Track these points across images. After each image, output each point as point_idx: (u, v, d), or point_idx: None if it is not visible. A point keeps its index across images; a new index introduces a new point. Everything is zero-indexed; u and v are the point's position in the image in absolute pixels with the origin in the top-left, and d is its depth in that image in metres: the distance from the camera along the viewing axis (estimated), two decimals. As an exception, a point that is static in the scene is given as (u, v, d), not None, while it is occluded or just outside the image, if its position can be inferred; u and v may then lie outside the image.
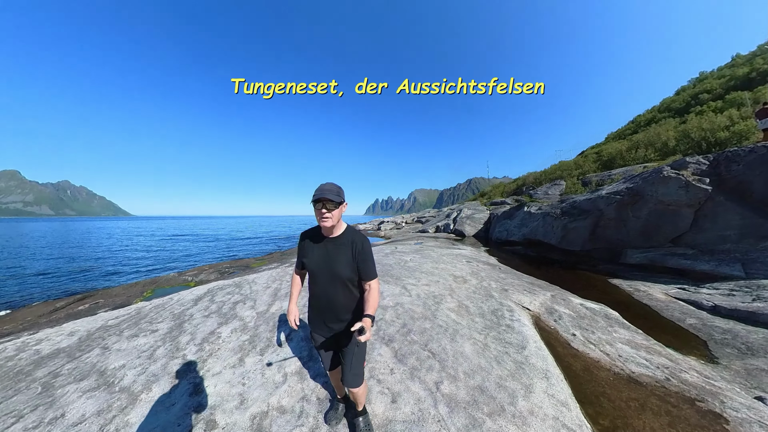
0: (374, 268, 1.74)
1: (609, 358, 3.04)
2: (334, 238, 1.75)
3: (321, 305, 1.83)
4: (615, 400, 2.40)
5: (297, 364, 2.73)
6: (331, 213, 1.63)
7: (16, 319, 7.33)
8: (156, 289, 9.47)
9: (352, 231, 1.79)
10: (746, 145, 8.52)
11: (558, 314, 4.13)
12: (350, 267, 1.70)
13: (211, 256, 19.89)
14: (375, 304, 1.62)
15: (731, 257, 7.02)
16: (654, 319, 5.20)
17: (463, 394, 2.26)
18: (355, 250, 1.70)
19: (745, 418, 2.27)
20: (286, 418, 2.07)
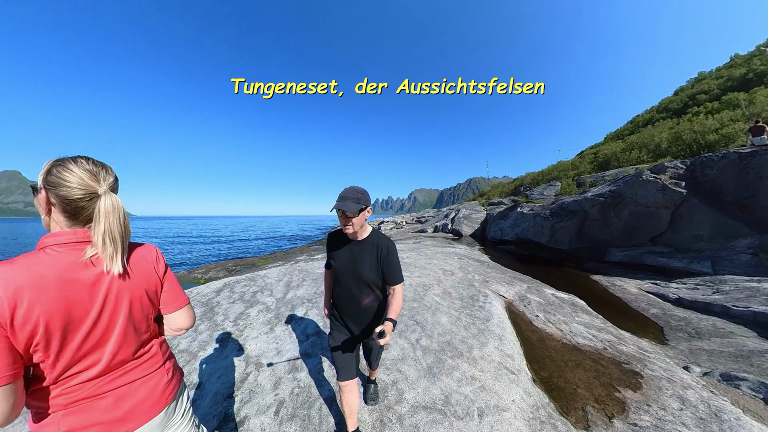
0: (400, 273, 1.77)
1: (561, 333, 3.76)
2: (360, 241, 1.81)
3: (343, 306, 1.91)
4: (557, 360, 3.10)
5: (317, 329, 3.49)
6: (351, 221, 1.69)
7: None
8: None
9: (378, 235, 1.83)
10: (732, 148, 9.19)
11: (528, 301, 4.85)
12: (374, 270, 1.76)
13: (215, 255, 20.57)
14: (398, 309, 1.65)
15: (703, 255, 7.74)
16: (621, 309, 5.92)
17: (435, 345, 3.08)
18: (380, 254, 1.75)
19: (658, 376, 2.96)
20: (313, 360, 2.84)
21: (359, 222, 1.69)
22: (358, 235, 1.78)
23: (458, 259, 8.00)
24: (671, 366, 3.27)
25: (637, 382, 2.84)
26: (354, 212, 1.62)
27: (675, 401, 2.55)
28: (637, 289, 6.90)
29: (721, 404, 2.54)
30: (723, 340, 4.48)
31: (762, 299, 5.22)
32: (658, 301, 6.15)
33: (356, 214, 1.63)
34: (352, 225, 1.67)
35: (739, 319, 4.96)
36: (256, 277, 6.49)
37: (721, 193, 8.03)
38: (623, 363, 3.17)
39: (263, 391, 2.44)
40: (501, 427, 2.00)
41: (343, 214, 1.65)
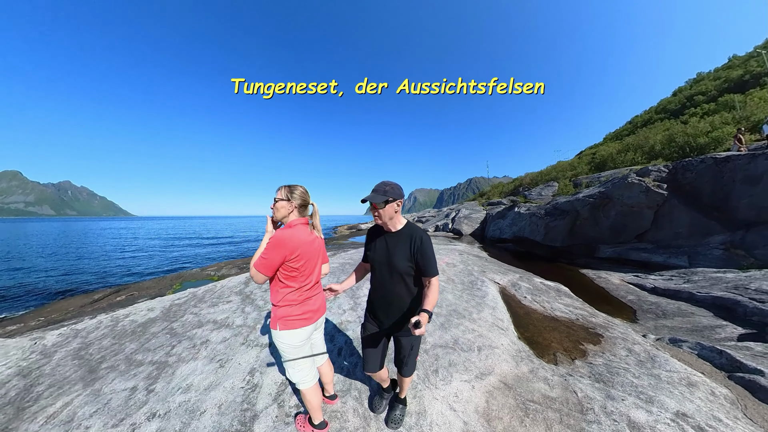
0: (435, 266, 1.81)
1: (544, 309, 4.74)
2: (394, 232, 1.91)
3: (378, 296, 2.01)
4: (538, 326, 4.07)
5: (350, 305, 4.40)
6: (378, 212, 1.82)
7: (59, 309, 8.25)
8: (183, 282, 10.47)
9: (411, 227, 1.91)
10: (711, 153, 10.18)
11: (519, 286, 5.84)
12: (407, 261, 1.82)
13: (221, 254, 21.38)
14: (433, 301, 1.68)
15: (681, 250, 8.76)
16: (603, 296, 6.92)
17: (444, 312, 4.06)
18: (414, 246, 1.81)
19: (615, 337, 3.93)
20: (352, 326, 3.72)
21: (386, 213, 1.82)
22: (391, 227, 1.90)
23: (459, 255, 8.97)
24: (629, 332, 4.24)
25: (598, 340, 3.82)
26: (379, 203, 1.77)
27: (624, 351, 3.53)
28: (620, 281, 7.90)
29: (658, 353, 3.51)
30: (684, 318, 5.47)
31: (722, 286, 6.21)
32: (635, 290, 7.14)
33: (382, 205, 1.78)
34: (380, 215, 1.83)
35: (701, 303, 5.94)
36: None
37: (699, 194, 9.03)
38: (590, 328, 4.16)
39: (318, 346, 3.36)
40: (493, 357, 2.96)
41: (372, 204, 1.82)
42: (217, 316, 4.27)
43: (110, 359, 3.23)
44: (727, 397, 2.69)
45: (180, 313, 4.55)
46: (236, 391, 2.55)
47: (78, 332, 4.07)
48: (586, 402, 2.37)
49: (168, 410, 2.34)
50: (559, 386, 2.58)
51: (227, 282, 6.34)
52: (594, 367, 3.05)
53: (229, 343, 3.44)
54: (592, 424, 2.13)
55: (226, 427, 2.16)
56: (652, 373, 2.95)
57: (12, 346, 3.79)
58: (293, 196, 1.83)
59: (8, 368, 3.21)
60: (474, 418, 2.16)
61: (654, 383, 2.74)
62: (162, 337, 3.70)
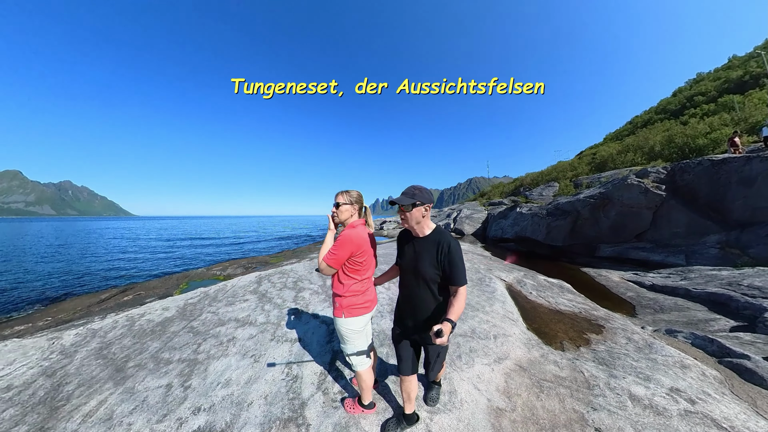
0: (463, 274, 1.76)
1: (549, 303, 5.12)
2: (422, 237, 1.90)
3: (404, 301, 2.04)
4: (544, 318, 4.44)
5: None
6: (405, 215, 1.84)
7: (66, 309, 8.38)
8: (190, 282, 10.68)
9: (440, 232, 1.89)
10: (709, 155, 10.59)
11: (524, 283, 6.22)
12: (433, 267, 1.81)
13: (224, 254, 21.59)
14: (459, 311, 1.65)
15: (678, 249, 9.16)
16: (603, 293, 7.30)
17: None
18: (441, 252, 1.79)
19: (616, 327, 4.29)
20: (375, 319, 4.00)
21: (413, 217, 1.83)
22: (419, 231, 1.90)
23: (464, 254, 9.35)
24: (629, 324, 4.61)
25: (600, 330, 4.18)
26: (406, 206, 1.80)
27: (623, 340, 3.89)
28: (620, 278, 8.29)
29: (655, 341, 3.87)
30: (680, 313, 5.85)
31: (717, 283, 6.59)
32: (635, 287, 7.53)
33: (409, 207, 1.80)
34: (406, 218, 1.86)
35: (697, 299, 6.32)
36: (287, 271, 7.33)
37: (696, 195, 9.43)
38: (592, 320, 4.52)
39: None
40: (507, 344, 3.32)
41: (399, 207, 1.84)
42: (238, 315, 4.42)
43: (135, 358, 3.31)
44: (716, 377, 3.05)
45: (196, 312, 4.65)
46: (278, 383, 2.72)
47: (95, 332, 4.14)
48: (592, 380, 2.73)
49: (212, 404, 2.47)
50: (567, 368, 2.94)
51: (237, 282, 6.44)
52: (597, 353, 3.42)
53: (258, 339, 3.59)
54: (598, 397, 2.48)
55: (277, 414, 2.33)
56: (650, 358, 3.31)
57: (30, 346, 3.85)
58: (354, 199, 2.11)
59: (30, 368, 3.27)
60: (496, 395, 2.49)
61: (651, 365, 3.10)
62: (185, 336, 3.80)
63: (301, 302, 4.87)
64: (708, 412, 2.35)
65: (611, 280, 8.17)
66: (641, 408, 2.35)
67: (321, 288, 5.65)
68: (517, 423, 2.17)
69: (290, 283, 6.12)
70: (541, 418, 2.21)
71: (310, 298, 5.05)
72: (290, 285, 5.94)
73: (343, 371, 2.89)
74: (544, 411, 2.30)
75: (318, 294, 5.28)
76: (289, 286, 5.88)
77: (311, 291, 5.47)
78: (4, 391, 2.86)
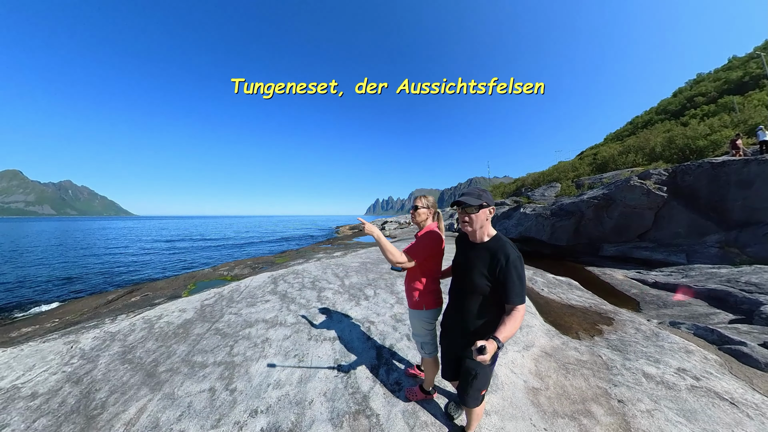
0: (520, 292, 1.58)
1: (560, 298, 5.55)
2: (478, 244, 1.77)
3: (452, 307, 1.99)
4: (558, 312, 4.86)
5: (396, 299, 4.93)
6: (469, 217, 1.70)
7: (73, 311, 8.36)
8: (197, 282, 10.65)
9: (500, 241, 1.72)
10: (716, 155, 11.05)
11: (535, 281, 6.66)
12: (485, 279, 1.68)
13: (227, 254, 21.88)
14: (510, 332, 1.47)
15: (679, 249, 9.62)
16: (608, 289, 7.74)
17: None
18: (497, 264, 1.63)
19: (624, 319, 4.71)
20: (405, 317, 4.29)
21: (478, 221, 1.70)
22: (479, 237, 1.76)
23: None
24: (635, 317, 5.04)
25: (610, 322, 4.61)
26: (472, 207, 1.67)
27: (632, 330, 4.31)
28: (623, 276, 8.73)
29: (661, 331, 4.28)
30: (682, 308, 6.29)
31: (717, 280, 7.03)
32: (638, 285, 7.97)
33: (475, 209, 1.67)
34: (470, 222, 1.71)
35: (697, 295, 6.76)
36: (300, 271, 7.44)
37: (697, 196, 9.88)
38: (602, 314, 4.95)
39: (387, 334, 3.79)
40: (532, 333, 3.72)
41: (463, 209, 1.71)
42: (265, 316, 4.47)
43: (165, 362, 3.28)
44: (716, 360, 3.46)
45: (216, 314, 4.67)
46: (333, 380, 2.80)
47: (113, 335, 4.11)
48: (610, 362, 3.14)
49: (268, 406, 2.50)
50: (587, 353, 3.35)
51: (250, 282, 6.54)
52: (610, 341, 3.84)
53: (294, 339, 3.64)
54: (617, 375, 2.88)
55: (344, 408, 2.42)
56: (657, 344, 3.72)
57: (48, 350, 3.80)
58: (430, 204, 2.30)
59: (52, 374, 3.19)
60: (530, 377, 2.85)
61: (659, 350, 3.52)
62: (213, 338, 3.80)
63: (326, 302, 5.01)
64: (711, 387, 2.76)
65: (615, 278, 8.61)
66: (654, 384, 2.75)
67: (341, 287, 5.84)
68: (552, 399, 2.54)
69: (308, 283, 6.27)
70: (572, 394, 2.59)
71: (334, 298, 5.20)
72: (308, 285, 6.09)
73: (393, 364, 3.09)
74: (572, 388, 2.68)
75: (340, 293, 5.44)
76: (308, 286, 6.03)
77: (333, 291, 5.63)
78: (30, 399, 2.79)
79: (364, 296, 5.26)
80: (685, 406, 2.47)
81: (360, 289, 5.67)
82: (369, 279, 6.43)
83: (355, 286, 5.96)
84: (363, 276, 6.72)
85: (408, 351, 3.34)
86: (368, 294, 5.37)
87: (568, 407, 2.41)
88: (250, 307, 4.90)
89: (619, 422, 2.25)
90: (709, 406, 2.49)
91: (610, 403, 2.47)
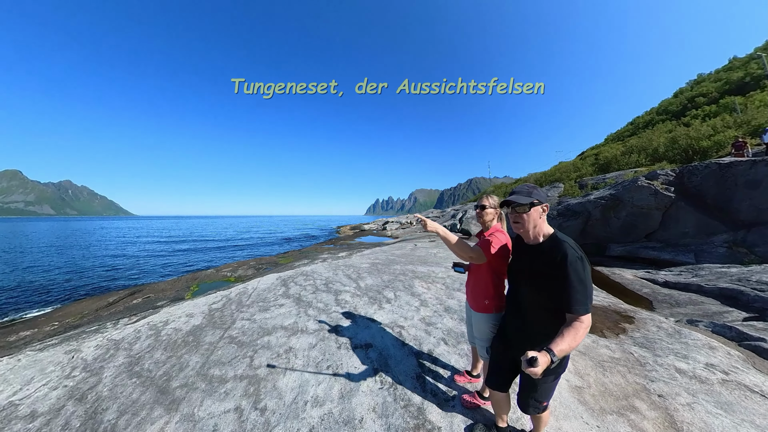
0: (582, 298, 1.40)
1: (580, 297, 5.72)
2: (534, 246, 1.66)
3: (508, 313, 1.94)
4: (579, 311, 5.03)
5: (422, 301, 5.08)
6: (521, 217, 1.60)
7: (73, 313, 8.21)
8: (200, 283, 10.57)
9: (559, 241, 1.56)
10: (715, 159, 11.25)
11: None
12: (538, 284, 1.59)
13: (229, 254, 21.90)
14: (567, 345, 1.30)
15: (687, 249, 9.78)
16: (620, 289, 7.88)
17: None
18: (555, 266, 1.47)
19: (644, 318, 4.86)
20: (434, 319, 4.46)
21: (530, 220, 1.59)
22: (533, 237, 1.65)
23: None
24: (654, 315, 5.19)
25: (631, 320, 4.75)
26: (523, 206, 1.56)
27: (654, 328, 4.45)
28: (633, 276, 8.89)
29: (682, 329, 4.44)
30: (695, 306, 6.44)
31: (727, 279, 7.20)
32: (649, 284, 8.12)
33: (526, 208, 1.56)
34: (522, 222, 1.61)
35: (709, 294, 6.92)
36: (309, 272, 7.48)
37: (704, 197, 10.07)
38: (622, 312, 5.10)
39: (421, 339, 3.69)
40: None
41: (513, 209, 1.62)
42: (282, 322, 4.29)
43: (178, 376, 3.03)
44: (739, 356, 3.61)
45: (227, 320, 4.49)
46: (379, 393, 2.64)
47: (118, 343, 3.90)
48: (642, 359, 3.28)
49: (311, 427, 2.30)
50: (618, 350, 3.50)
51: (257, 284, 6.52)
52: (636, 339, 3.98)
53: (323, 348, 3.45)
54: (651, 371, 3.03)
55: (400, 425, 2.28)
56: (681, 341, 3.87)
57: (47, 360, 3.53)
58: (497, 204, 2.22)
59: (53, 389, 2.92)
60: (571, 376, 2.96)
61: (684, 347, 3.66)
62: (228, 348, 3.57)
63: (347, 305, 4.93)
64: (740, 380, 2.91)
65: (625, 278, 8.77)
66: (688, 378, 2.91)
67: (358, 290, 5.83)
68: (596, 396, 2.66)
69: (321, 285, 6.25)
70: (613, 391, 2.72)
71: (353, 301, 5.15)
72: (322, 287, 6.07)
73: (438, 371, 3.00)
74: (612, 385, 2.81)
75: (359, 296, 5.43)
76: (321, 288, 6.02)
77: (350, 293, 5.61)
78: (29, 420, 2.51)
79: (385, 299, 5.26)
80: (720, 398, 2.61)
81: (378, 292, 5.71)
82: (384, 281, 6.48)
83: (372, 288, 5.98)
84: (377, 277, 6.77)
85: (449, 356, 3.29)
86: (389, 297, 5.39)
87: (613, 404, 2.53)
88: (264, 312, 4.75)
89: (664, 416, 2.38)
90: (743, 398, 2.63)
91: (651, 398, 2.61)
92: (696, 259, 9.30)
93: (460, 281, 6.33)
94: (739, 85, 29.85)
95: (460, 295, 5.42)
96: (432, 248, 11.58)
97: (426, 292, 5.60)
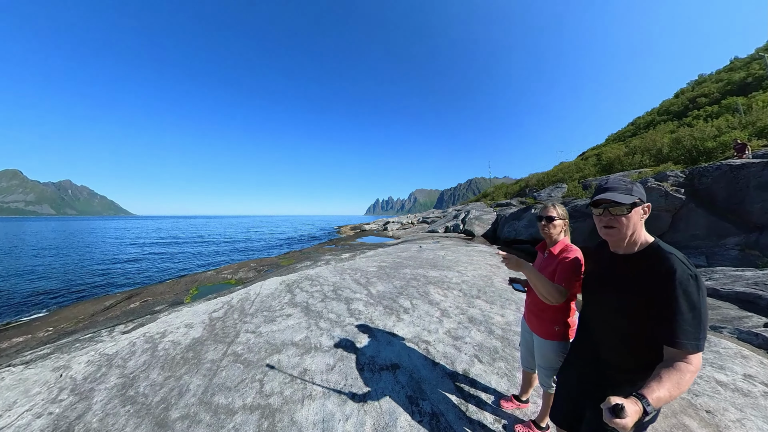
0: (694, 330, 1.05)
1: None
2: (625, 256, 1.29)
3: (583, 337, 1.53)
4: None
5: (443, 312, 4.95)
6: (618, 221, 1.23)
7: (68, 318, 7.93)
8: (200, 286, 10.30)
9: (662, 252, 1.19)
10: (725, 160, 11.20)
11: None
12: (631, 309, 1.20)
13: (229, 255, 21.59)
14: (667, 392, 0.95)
15: (699, 251, 9.74)
16: (634, 294, 7.84)
17: (514, 307, 4.91)
18: (657, 287, 1.12)
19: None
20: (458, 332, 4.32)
21: (630, 224, 1.24)
22: (626, 246, 1.30)
23: (490, 256, 9.83)
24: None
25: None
26: (624, 205, 1.21)
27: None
28: (646, 279, 8.84)
29: (710, 336, 4.38)
30: (714, 312, 6.37)
31: (743, 283, 7.15)
32: (663, 288, 8.08)
33: (626, 210, 1.22)
34: (619, 227, 1.25)
35: (726, 298, 6.86)
36: (314, 277, 7.22)
37: (715, 199, 10.03)
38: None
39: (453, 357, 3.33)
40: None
41: (606, 210, 1.25)
42: (292, 337, 3.90)
43: (177, 404, 2.65)
44: (774, 366, 3.56)
45: (230, 331, 4.15)
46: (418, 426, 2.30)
47: (110, 359, 3.55)
48: (677, 369, 3.20)
49: None
50: (649, 359, 3.41)
51: (260, 289, 6.24)
52: (665, 347, 3.91)
53: (343, 371, 3.06)
54: (693, 384, 2.93)
55: None
56: (713, 350, 3.80)
57: (32, 380, 3.17)
58: (566, 215, 1.98)
59: (37, 417, 2.55)
60: None
61: (717, 356, 3.59)
62: (233, 369, 3.18)
63: (361, 317, 4.56)
64: (783, 392, 2.84)
65: (638, 281, 8.72)
66: (731, 391, 2.82)
67: (370, 297, 5.48)
68: None
69: (329, 292, 5.91)
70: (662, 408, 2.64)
71: (367, 311, 4.79)
72: (331, 295, 5.72)
73: (479, 396, 2.69)
74: (659, 401, 2.72)
75: (373, 305, 5.06)
76: (330, 295, 5.65)
77: (363, 302, 5.25)
78: None
79: (402, 309, 4.87)
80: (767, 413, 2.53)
81: (393, 300, 5.34)
82: (396, 287, 6.18)
83: (385, 295, 5.62)
84: (388, 283, 6.50)
85: (488, 377, 2.94)
86: (405, 306, 5.02)
87: (663, 422, 2.43)
88: (270, 324, 4.35)
89: (716, 433, 2.29)
90: (789, 412, 2.55)
91: (699, 414, 2.52)
92: (707, 262, 9.25)
93: (477, 288, 6.20)
94: (741, 85, 29.91)
95: (481, 303, 5.25)
96: (438, 250, 11.47)
97: (444, 300, 5.34)
